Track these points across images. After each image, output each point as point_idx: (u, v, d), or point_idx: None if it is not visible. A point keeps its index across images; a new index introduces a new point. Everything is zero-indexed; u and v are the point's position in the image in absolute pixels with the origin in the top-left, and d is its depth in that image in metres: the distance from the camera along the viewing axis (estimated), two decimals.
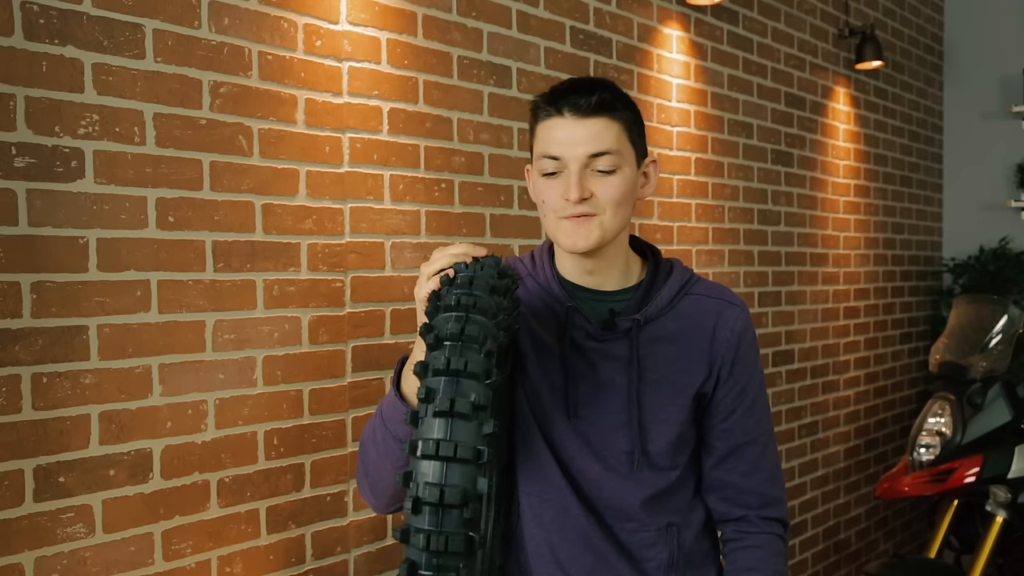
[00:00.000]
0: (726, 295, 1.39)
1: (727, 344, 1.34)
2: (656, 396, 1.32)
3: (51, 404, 1.52)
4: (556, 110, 1.26)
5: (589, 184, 1.26)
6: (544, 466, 1.32)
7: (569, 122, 1.25)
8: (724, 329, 1.35)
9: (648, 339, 1.33)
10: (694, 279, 1.39)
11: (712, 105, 3.12)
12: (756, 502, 1.38)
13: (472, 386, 1.00)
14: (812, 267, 3.68)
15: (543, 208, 1.30)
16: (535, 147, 1.30)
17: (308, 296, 1.91)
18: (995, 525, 2.91)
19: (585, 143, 1.25)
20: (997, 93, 4.67)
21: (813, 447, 3.68)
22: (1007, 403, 3.10)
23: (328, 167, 1.94)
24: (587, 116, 1.25)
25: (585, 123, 1.25)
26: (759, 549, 1.37)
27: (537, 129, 1.29)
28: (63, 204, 1.54)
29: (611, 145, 1.26)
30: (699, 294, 1.37)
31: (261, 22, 1.82)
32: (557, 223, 1.29)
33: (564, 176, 1.26)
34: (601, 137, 1.25)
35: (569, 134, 1.25)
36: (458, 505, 0.97)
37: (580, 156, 1.25)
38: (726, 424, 1.36)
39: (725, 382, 1.35)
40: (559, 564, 1.33)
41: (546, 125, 1.27)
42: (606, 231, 1.28)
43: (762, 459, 1.38)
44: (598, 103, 1.25)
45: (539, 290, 1.37)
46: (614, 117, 1.26)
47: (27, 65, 1.49)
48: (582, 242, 1.27)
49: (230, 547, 1.78)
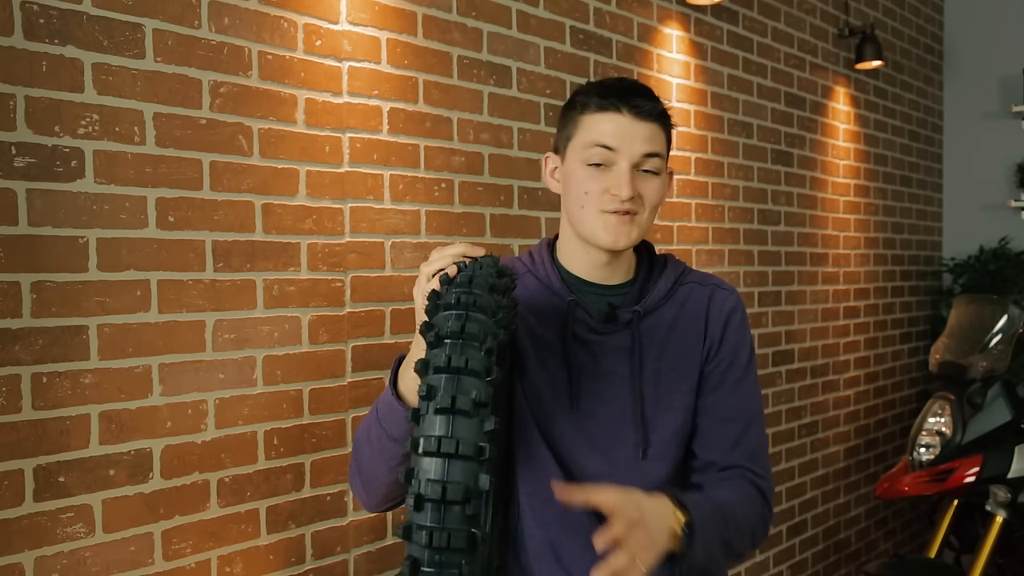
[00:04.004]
0: (716, 281, 1.43)
1: (715, 324, 1.37)
2: (659, 384, 1.33)
3: (51, 404, 1.52)
4: (614, 106, 1.29)
5: (637, 184, 1.29)
6: (543, 465, 1.32)
7: (628, 119, 1.29)
8: (715, 311, 1.38)
9: (648, 329, 1.34)
10: (687, 270, 1.43)
11: (712, 105, 3.12)
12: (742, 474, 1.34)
13: (473, 383, 1.01)
14: (812, 267, 3.68)
15: (583, 199, 1.31)
16: (580, 136, 1.31)
17: (308, 296, 1.91)
18: (995, 525, 2.91)
19: (643, 142, 1.29)
20: (997, 93, 4.67)
21: (813, 447, 3.68)
22: (1007, 403, 3.10)
23: (328, 167, 1.95)
24: (647, 119, 1.30)
25: (644, 124, 1.30)
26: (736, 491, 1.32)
27: (583, 120, 1.31)
28: (63, 204, 1.54)
29: (661, 149, 1.32)
30: (692, 283, 1.41)
31: (261, 22, 1.83)
32: (598, 216, 1.30)
33: (612, 171, 1.29)
34: (655, 140, 1.31)
35: (628, 131, 1.29)
36: (460, 501, 0.97)
37: (636, 153, 1.29)
38: (710, 399, 1.35)
39: (712, 358, 1.36)
40: (561, 564, 1.32)
41: (600, 118, 1.30)
42: (642, 231, 1.33)
43: (744, 438, 1.35)
44: (658, 111, 1.31)
45: (539, 286, 1.38)
46: (664, 126, 1.33)
47: (27, 65, 1.50)
48: (623, 240, 1.31)
49: (230, 547, 1.78)
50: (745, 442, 1.36)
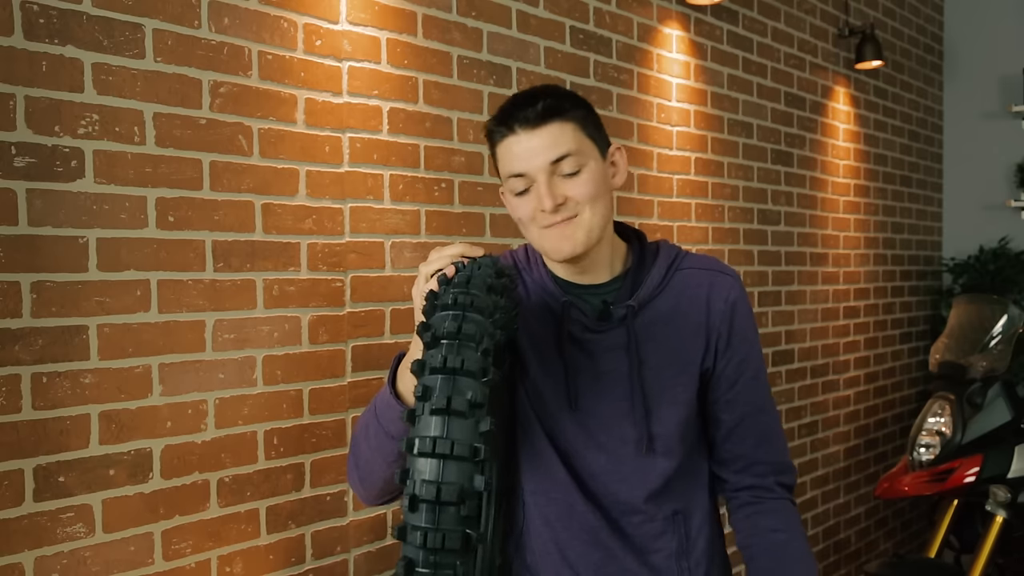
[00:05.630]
0: (717, 266, 1.39)
1: (721, 315, 1.35)
2: (659, 378, 1.32)
3: (51, 404, 1.52)
4: (508, 128, 1.27)
5: (560, 189, 1.26)
6: (548, 464, 1.33)
7: (522, 136, 1.25)
8: (718, 300, 1.35)
9: (644, 323, 1.33)
10: (682, 254, 1.39)
11: (712, 105, 3.12)
12: (767, 470, 1.38)
13: (469, 384, 1.01)
14: (812, 267, 3.68)
15: (522, 225, 1.31)
16: (500, 170, 1.31)
17: (308, 296, 1.91)
18: (995, 525, 2.91)
19: (544, 151, 1.25)
20: (997, 93, 4.67)
21: (813, 447, 3.68)
22: (1007, 403, 3.11)
23: (328, 167, 1.95)
24: (538, 126, 1.25)
25: (538, 132, 1.25)
26: (779, 513, 1.37)
27: (497, 152, 1.30)
28: (63, 204, 1.54)
29: (570, 147, 1.26)
30: (689, 268, 1.37)
31: (261, 22, 1.83)
32: (540, 234, 1.29)
33: (535, 189, 1.27)
34: (558, 142, 1.25)
35: (525, 147, 1.25)
36: (455, 502, 0.97)
37: (542, 165, 1.25)
38: (730, 395, 1.36)
39: (724, 353, 1.35)
40: (567, 562, 1.33)
41: (503, 146, 1.28)
42: (590, 229, 1.28)
43: (769, 428, 1.39)
44: (544, 110, 1.25)
45: (534, 287, 1.38)
46: (565, 118, 1.26)
47: (27, 65, 1.50)
48: (568, 247, 1.27)
49: (230, 547, 1.78)
50: (770, 433, 1.40)
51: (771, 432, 1.40)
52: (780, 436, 1.42)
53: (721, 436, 1.39)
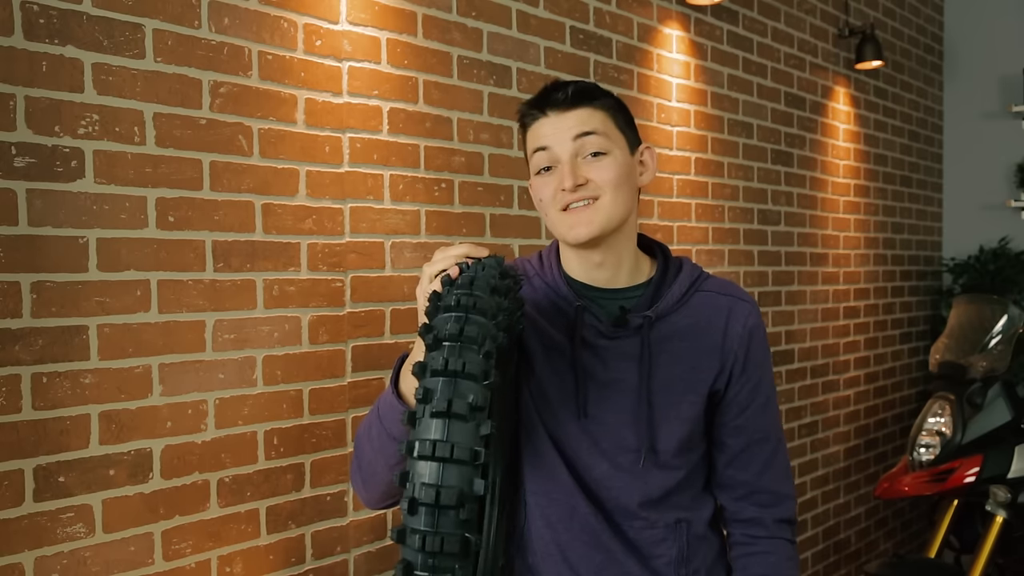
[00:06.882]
0: (736, 292, 1.39)
1: (739, 340, 1.34)
2: (667, 393, 1.32)
3: (51, 404, 1.52)
4: (540, 111, 1.30)
5: (582, 171, 1.27)
6: (550, 465, 1.32)
7: (553, 117, 1.29)
8: (736, 325, 1.35)
9: (659, 336, 1.32)
10: (704, 276, 1.39)
11: (712, 105, 3.12)
12: (768, 500, 1.38)
13: (470, 387, 1.00)
14: (812, 267, 3.68)
15: (543, 207, 1.31)
16: (528, 149, 1.33)
17: (308, 296, 1.91)
18: (995, 525, 2.91)
19: (571, 127, 1.28)
20: (997, 93, 4.67)
21: (813, 447, 3.68)
22: (1007, 403, 3.11)
23: (328, 167, 1.95)
24: (569, 108, 1.28)
25: (568, 114, 1.28)
26: (770, 555, 1.37)
27: (527, 136, 1.33)
28: (63, 204, 1.54)
29: (597, 126, 1.28)
30: (709, 291, 1.37)
31: (261, 22, 1.82)
32: (558, 217, 1.29)
33: (558, 170, 1.28)
34: (587, 120, 1.28)
35: (556, 125, 1.28)
36: (454, 506, 0.97)
37: (568, 140, 1.27)
38: (739, 421, 1.36)
39: (738, 378, 1.35)
40: (568, 564, 1.33)
41: (533, 128, 1.31)
42: (609, 215, 1.28)
43: (774, 457, 1.38)
44: (575, 93, 1.28)
45: (547, 290, 1.37)
46: (595, 105, 1.29)
47: (27, 65, 1.50)
48: (585, 228, 1.27)
49: (230, 547, 1.78)
50: (775, 463, 1.39)
51: (776, 462, 1.39)
52: (785, 467, 1.40)
53: (724, 461, 1.38)
